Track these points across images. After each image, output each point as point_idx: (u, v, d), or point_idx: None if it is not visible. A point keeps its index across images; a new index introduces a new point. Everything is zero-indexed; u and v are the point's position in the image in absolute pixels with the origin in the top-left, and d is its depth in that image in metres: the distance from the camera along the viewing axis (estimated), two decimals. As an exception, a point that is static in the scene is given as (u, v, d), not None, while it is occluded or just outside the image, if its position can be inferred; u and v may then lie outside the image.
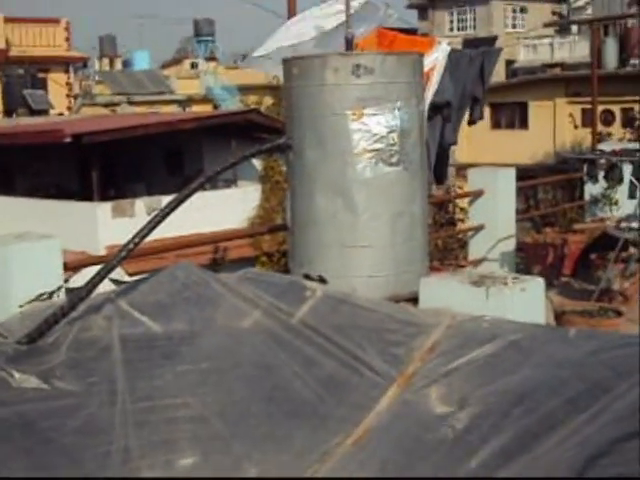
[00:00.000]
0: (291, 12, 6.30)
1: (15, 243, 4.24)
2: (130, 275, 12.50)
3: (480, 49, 7.08)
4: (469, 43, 34.15)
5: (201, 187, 4.21)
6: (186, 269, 4.32)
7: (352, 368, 3.44)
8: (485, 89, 6.99)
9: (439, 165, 6.99)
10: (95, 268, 3.91)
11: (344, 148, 4.16)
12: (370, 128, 4.14)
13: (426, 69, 6.31)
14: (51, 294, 4.25)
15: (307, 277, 4.32)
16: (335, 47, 4.97)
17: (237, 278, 4.20)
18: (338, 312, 3.86)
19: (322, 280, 4.26)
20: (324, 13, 5.74)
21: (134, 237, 4.06)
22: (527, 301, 3.82)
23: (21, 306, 4.11)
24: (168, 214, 4.06)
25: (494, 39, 46.88)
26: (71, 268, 4.52)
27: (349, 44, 4.44)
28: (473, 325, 3.56)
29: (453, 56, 6.56)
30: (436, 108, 6.32)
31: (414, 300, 4.12)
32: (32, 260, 4.22)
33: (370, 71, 4.12)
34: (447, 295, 3.89)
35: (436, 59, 6.30)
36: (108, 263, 3.99)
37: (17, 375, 3.34)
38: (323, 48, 5.48)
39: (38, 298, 4.21)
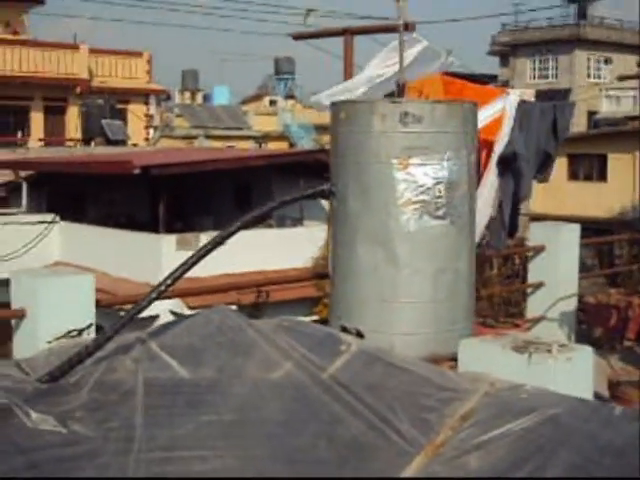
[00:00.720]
0: (347, 57, 6.19)
1: (47, 277, 4.17)
2: (191, 309, 12.49)
3: (552, 102, 6.84)
4: (542, 95, 33.76)
5: (237, 232, 4.07)
6: (222, 313, 4.20)
7: (379, 431, 3.25)
8: (558, 145, 6.70)
9: (511, 218, 6.74)
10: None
11: (388, 198, 3.99)
12: (416, 179, 3.97)
13: (491, 119, 6.12)
14: (80, 332, 4.16)
15: (344, 330, 4.16)
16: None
17: (273, 326, 4.06)
18: (372, 370, 3.69)
19: (359, 334, 4.09)
20: (378, 62, 5.59)
21: (166, 279, 3.95)
22: (573, 372, 3.57)
23: (49, 342, 4.02)
24: (202, 257, 3.94)
25: (568, 91, 46.48)
26: (103, 306, 4.42)
27: (400, 90, 4.28)
28: (511, 394, 3.35)
29: (523, 107, 6.33)
30: (506, 161, 6.10)
31: (455, 361, 3.91)
32: (63, 296, 4.14)
33: (418, 119, 3.95)
34: (488, 359, 3.67)
35: (502, 109, 6.09)
36: (138, 303, 3.88)
37: (34, 415, 3.22)
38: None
39: (67, 335, 4.12)
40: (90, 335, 4.16)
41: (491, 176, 6.12)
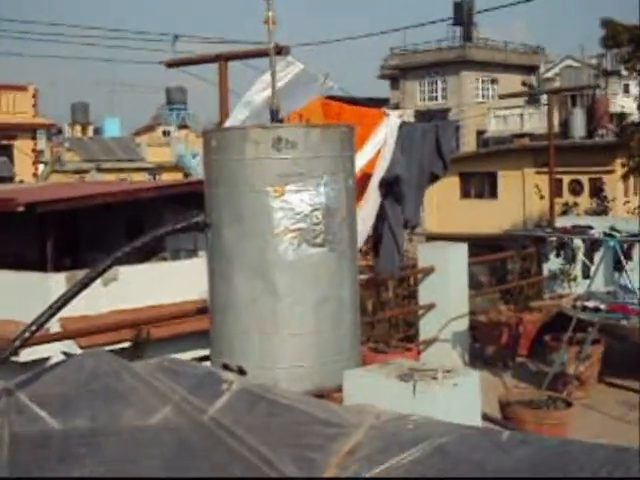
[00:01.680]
0: (222, 84, 6.03)
1: None
2: (82, 348, 12.07)
3: (434, 122, 6.81)
4: (421, 115, 34.35)
5: (108, 269, 3.86)
6: (97, 357, 3.95)
7: (262, 474, 3.07)
8: (445, 164, 6.64)
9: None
10: None
11: (264, 227, 3.83)
12: (293, 206, 3.82)
13: (378, 147, 6.06)
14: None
15: (226, 367, 3.97)
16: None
17: (152, 367, 3.84)
18: (254, 409, 3.51)
19: (241, 371, 3.91)
20: (256, 88, 5.46)
21: (30, 325, 3.70)
22: (460, 398, 3.47)
23: None
24: (65, 303, 3.70)
25: (446, 110, 47.49)
26: (-35, 357, 4.10)
27: (274, 116, 4.15)
28: (398, 426, 3.22)
29: (404, 129, 6.28)
30: (388, 184, 6.03)
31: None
32: None
33: (293, 145, 3.81)
34: (373, 390, 3.55)
35: (386, 135, 6.02)
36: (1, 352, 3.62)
37: None
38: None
39: None
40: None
41: (371, 200, 6.06)
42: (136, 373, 3.69)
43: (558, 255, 7.09)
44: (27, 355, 10.13)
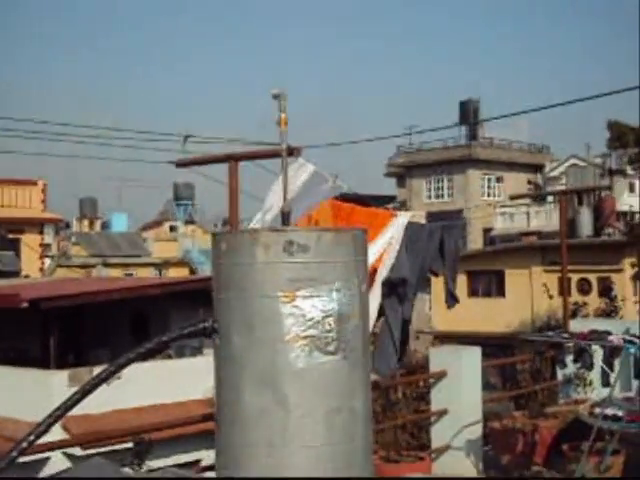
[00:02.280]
0: (232, 184, 5.98)
1: None
2: (83, 448, 11.78)
3: (439, 223, 6.74)
4: (434, 216, 34.43)
5: (107, 379, 3.68)
6: (97, 468, 3.76)
7: None
8: (448, 264, 6.57)
9: (401, 343, 6.51)
10: None
11: (274, 334, 3.65)
12: (304, 312, 3.65)
13: (383, 248, 5.96)
14: None
15: (231, 481, 3.75)
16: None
17: (154, 480, 3.65)
18: (260, 529, 3.29)
19: (247, 486, 3.69)
20: (274, 193, 5.40)
21: (28, 435, 3.50)
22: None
23: None
24: (66, 411, 3.51)
25: (460, 211, 47.68)
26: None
27: (285, 218, 4.03)
28: None
29: (411, 229, 6.20)
30: (392, 285, 5.91)
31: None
32: None
33: (304, 249, 3.67)
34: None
35: (392, 237, 5.94)
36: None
37: None
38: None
39: None
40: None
41: (374, 299, 5.93)
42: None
43: (576, 361, 6.91)
44: (26, 456, 9.87)
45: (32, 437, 3.51)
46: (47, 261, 39.61)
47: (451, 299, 6.66)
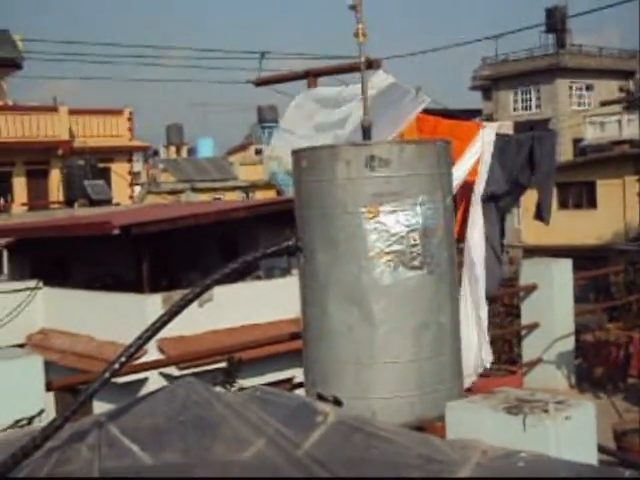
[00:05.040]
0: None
1: (-10, 362, 3.79)
2: (181, 369, 12.09)
3: (529, 133, 6.53)
4: (521, 126, 33.63)
5: (196, 299, 3.72)
6: (188, 387, 3.81)
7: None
8: (538, 177, 6.35)
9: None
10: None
11: (359, 250, 3.63)
12: (387, 227, 3.61)
13: (475, 157, 5.82)
14: (30, 419, 3.78)
15: (320, 397, 3.78)
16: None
17: (244, 397, 3.68)
18: (351, 443, 3.30)
19: (337, 402, 3.71)
20: (344, 96, 5.29)
21: (126, 350, 3.59)
22: (573, 432, 3.20)
23: (-4, 434, 3.64)
24: (158, 330, 3.57)
25: (547, 120, 46.51)
26: (55, 388, 4.04)
27: (366, 133, 3.95)
28: (507, 463, 2.98)
29: (500, 142, 6.02)
30: (491, 199, 5.78)
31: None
32: (10, 381, 3.76)
33: (386, 163, 3.61)
34: (478, 423, 3.30)
35: (480, 147, 5.78)
36: (90, 386, 3.50)
37: (-25, 521, 2.85)
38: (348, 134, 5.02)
39: (16, 424, 3.74)
40: (42, 422, 3.77)
41: (477, 217, 5.80)
42: (228, 403, 3.54)
43: (671, 270, 6.71)
44: (125, 376, 10.18)
45: (123, 358, 3.58)
46: (137, 189, 40.33)
47: (539, 214, 6.49)
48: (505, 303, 9.40)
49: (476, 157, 5.89)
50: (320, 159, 3.77)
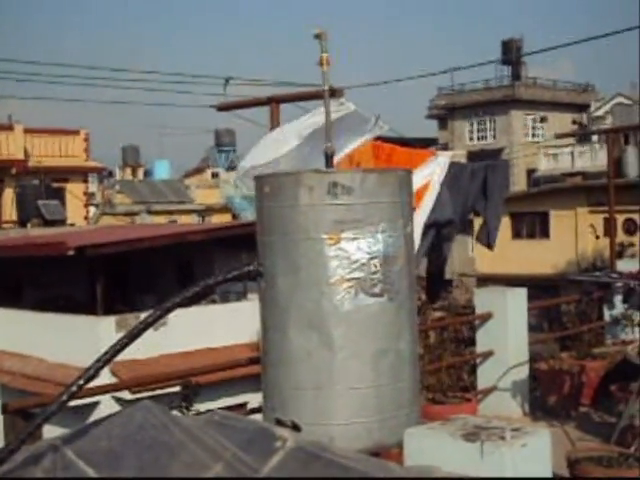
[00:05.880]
0: (274, 126, 5.95)
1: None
2: (132, 393, 11.98)
3: (483, 162, 6.63)
4: (474, 155, 34.06)
5: (154, 323, 3.70)
6: (145, 410, 3.76)
7: (319, 541, 2.86)
8: (491, 204, 6.49)
9: (434, 284, 6.46)
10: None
11: (320, 277, 3.65)
12: (349, 254, 3.64)
13: (418, 185, 5.87)
14: (-16, 443, 3.73)
15: (279, 422, 3.78)
16: (315, 159, 4.52)
17: (202, 421, 3.66)
18: (309, 469, 3.29)
19: (295, 427, 3.71)
20: (305, 124, 5.33)
21: (77, 379, 3.55)
22: (529, 459, 3.24)
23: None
24: (114, 356, 3.55)
25: (500, 150, 47.11)
26: (11, 411, 3.98)
27: (328, 160, 3.99)
28: (464, 491, 3.01)
29: (453, 169, 6.11)
30: (436, 225, 5.85)
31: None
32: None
33: (348, 191, 3.64)
34: (436, 450, 3.34)
35: (430, 174, 5.86)
36: (47, 408, 3.46)
37: None
38: (302, 161, 5.05)
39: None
40: (-3, 445, 3.72)
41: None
42: (186, 428, 3.52)
43: (625, 301, 6.81)
44: (77, 400, 10.05)
45: (82, 381, 3.56)
46: (92, 209, 40.00)
47: (486, 239, 6.58)
48: (457, 330, 9.46)
49: (422, 183, 5.95)
50: (283, 185, 3.79)
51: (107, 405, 12.75)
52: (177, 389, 5.90)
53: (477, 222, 6.84)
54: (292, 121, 5.53)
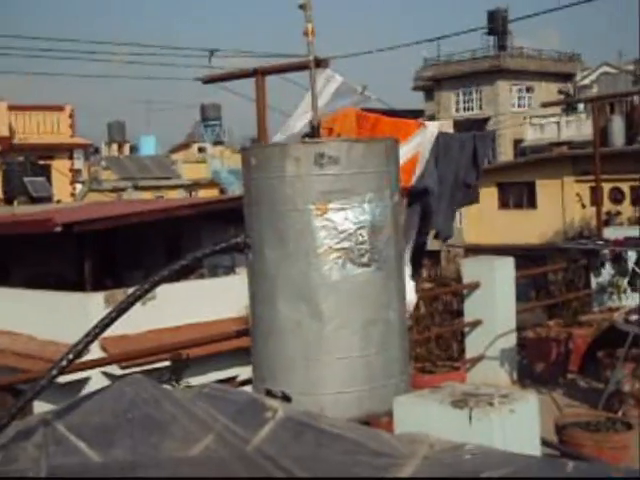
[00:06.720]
0: (260, 99, 5.90)
1: None
2: (123, 368, 12.00)
3: (472, 133, 6.62)
4: (460, 125, 34.03)
5: (143, 296, 3.71)
6: (136, 384, 3.79)
7: (310, 507, 2.91)
8: (479, 174, 6.50)
9: (415, 254, 6.42)
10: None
11: (307, 247, 3.66)
12: (336, 224, 3.65)
13: (409, 155, 5.86)
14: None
15: (269, 393, 3.80)
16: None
17: (193, 394, 3.69)
18: (300, 439, 3.33)
19: (285, 397, 3.74)
20: (298, 113, 5.30)
21: (67, 353, 3.57)
22: (517, 425, 3.27)
23: None
24: (103, 329, 3.56)
25: (486, 120, 47.10)
26: (0, 388, 3.99)
27: (315, 131, 3.98)
28: (453, 456, 3.03)
29: (442, 140, 6.10)
30: (416, 195, 5.84)
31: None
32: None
33: (335, 161, 3.64)
34: (425, 417, 3.36)
35: (419, 144, 5.85)
36: (36, 383, 3.48)
37: None
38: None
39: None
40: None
41: None
42: (176, 401, 3.54)
43: (612, 268, 6.86)
44: (67, 376, 10.07)
45: (71, 355, 3.57)
46: (78, 186, 39.85)
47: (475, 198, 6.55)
48: (446, 303, 9.51)
49: (412, 153, 5.94)
50: (269, 157, 3.79)
51: (97, 381, 12.76)
52: (167, 364, 5.92)
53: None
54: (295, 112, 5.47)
